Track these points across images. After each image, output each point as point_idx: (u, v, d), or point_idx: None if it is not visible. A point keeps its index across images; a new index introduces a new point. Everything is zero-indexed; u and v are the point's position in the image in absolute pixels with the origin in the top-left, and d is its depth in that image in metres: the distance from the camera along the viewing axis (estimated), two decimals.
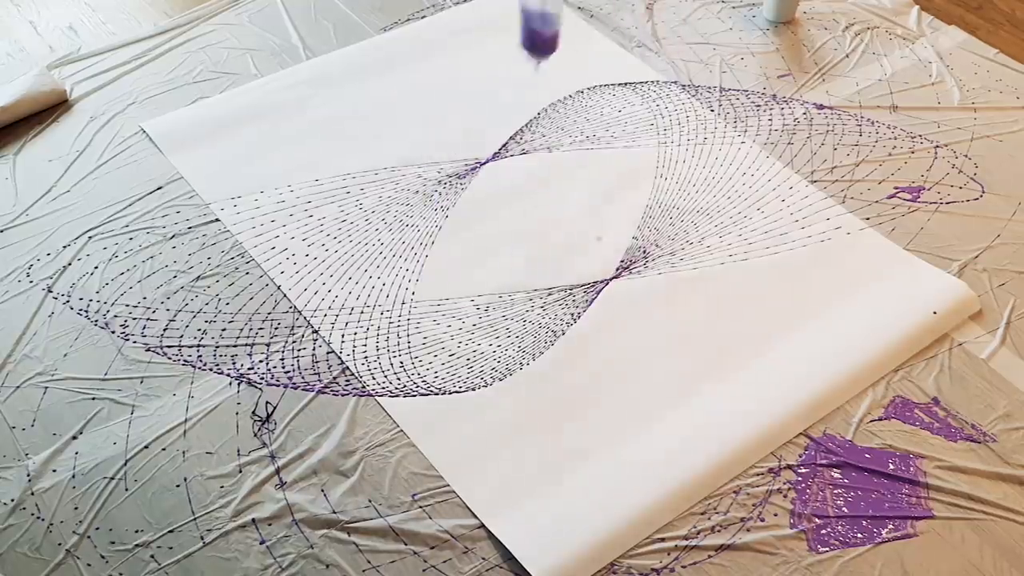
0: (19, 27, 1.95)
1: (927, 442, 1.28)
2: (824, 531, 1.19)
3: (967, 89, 1.79)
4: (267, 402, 1.32)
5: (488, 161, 1.66)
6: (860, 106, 1.76)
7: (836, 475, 1.25)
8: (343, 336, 1.39)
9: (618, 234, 1.54)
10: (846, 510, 1.21)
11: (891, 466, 1.26)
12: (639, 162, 1.66)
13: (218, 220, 1.56)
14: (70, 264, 1.49)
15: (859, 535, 1.19)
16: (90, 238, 1.53)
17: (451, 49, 1.89)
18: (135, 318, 1.42)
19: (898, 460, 1.26)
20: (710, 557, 1.17)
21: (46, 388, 1.34)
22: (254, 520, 1.20)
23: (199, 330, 1.40)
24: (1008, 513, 1.21)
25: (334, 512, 1.21)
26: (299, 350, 1.38)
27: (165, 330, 1.40)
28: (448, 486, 1.23)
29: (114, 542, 1.18)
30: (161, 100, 1.78)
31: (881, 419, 1.31)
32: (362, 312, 1.43)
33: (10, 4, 2.01)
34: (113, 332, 1.40)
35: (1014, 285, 1.47)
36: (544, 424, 1.30)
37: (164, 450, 1.27)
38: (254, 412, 1.31)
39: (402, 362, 1.37)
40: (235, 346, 1.38)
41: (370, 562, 1.17)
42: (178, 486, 1.24)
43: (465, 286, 1.46)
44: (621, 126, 1.73)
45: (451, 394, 1.33)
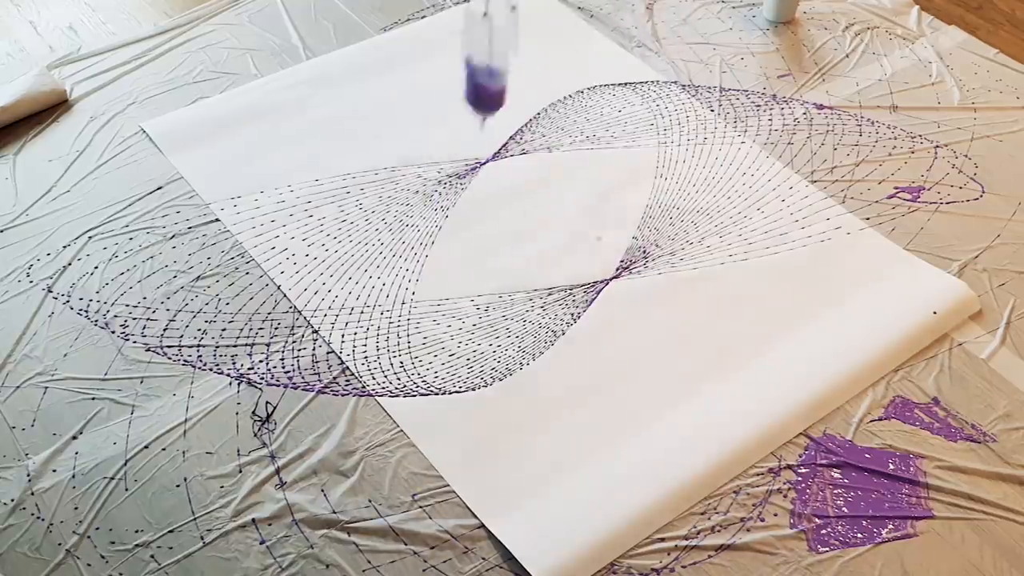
0: (19, 27, 1.95)
1: (927, 442, 1.28)
2: (824, 531, 1.19)
3: (967, 89, 1.79)
4: (267, 402, 1.32)
5: (488, 161, 1.66)
6: (860, 106, 1.76)
7: (836, 475, 1.25)
8: (343, 336, 1.39)
9: (618, 234, 1.54)
10: (846, 510, 1.21)
11: (891, 466, 1.26)
12: (639, 162, 1.66)
13: (218, 220, 1.56)
14: (70, 264, 1.49)
15: (859, 535, 1.19)
16: (90, 238, 1.53)
17: (451, 49, 1.89)
18: (135, 318, 1.42)
19: (898, 460, 1.26)
20: (710, 557, 1.17)
21: (46, 388, 1.34)
22: (254, 520, 1.20)
23: (199, 330, 1.40)
24: (1008, 513, 1.21)
25: (334, 512, 1.21)
26: (299, 350, 1.38)
27: (165, 330, 1.40)
28: (448, 486, 1.23)
29: (114, 542, 1.18)
30: (161, 100, 1.78)
31: (881, 419, 1.31)
32: (362, 312, 1.43)
33: (10, 4, 2.01)
34: (113, 332, 1.40)
35: (1014, 285, 1.47)
36: (544, 424, 1.30)
37: (164, 450, 1.27)
38: (254, 412, 1.31)
39: (402, 362, 1.37)
40: (235, 346, 1.38)
41: (370, 562, 1.17)
42: (178, 486, 1.24)
43: (465, 286, 1.46)
44: (621, 126, 1.72)
45: (451, 394, 1.33)
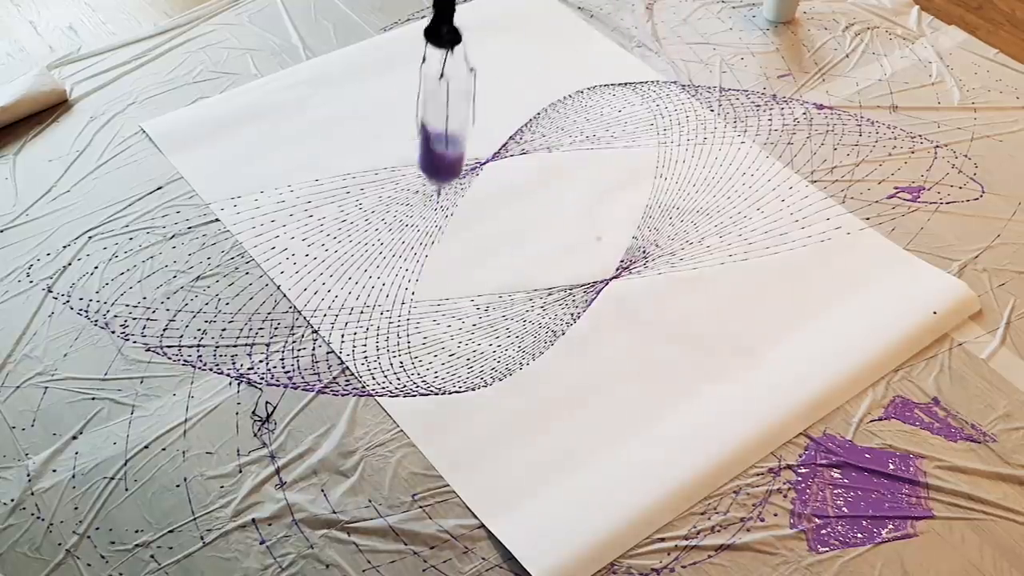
0: (19, 27, 1.95)
1: (927, 442, 1.28)
2: (824, 531, 1.19)
3: (967, 89, 1.79)
4: (267, 402, 1.32)
5: (488, 161, 1.66)
6: (860, 106, 1.76)
7: (836, 475, 1.25)
8: (343, 336, 1.39)
9: (618, 234, 1.54)
10: (846, 510, 1.21)
11: (891, 466, 1.26)
12: (639, 162, 1.66)
13: (218, 220, 1.56)
14: (70, 264, 1.49)
15: (859, 535, 1.19)
16: (90, 238, 1.53)
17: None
18: (135, 318, 1.42)
19: (898, 460, 1.26)
20: (710, 557, 1.17)
21: (46, 388, 1.34)
22: (254, 520, 1.20)
23: (199, 330, 1.40)
24: (1008, 513, 1.21)
25: (334, 512, 1.21)
26: (299, 350, 1.38)
27: (165, 330, 1.40)
28: (448, 486, 1.23)
29: (114, 542, 1.18)
30: (161, 100, 1.78)
31: (881, 419, 1.31)
32: (362, 312, 1.43)
33: (10, 4, 2.01)
34: (113, 332, 1.40)
35: (1014, 285, 1.47)
36: (544, 424, 1.30)
37: (164, 450, 1.27)
38: (254, 412, 1.31)
39: (402, 362, 1.37)
40: (235, 346, 1.38)
41: (370, 562, 1.17)
42: (178, 486, 1.24)
43: (465, 286, 1.46)
44: (621, 126, 1.72)
45: (451, 394, 1.33)
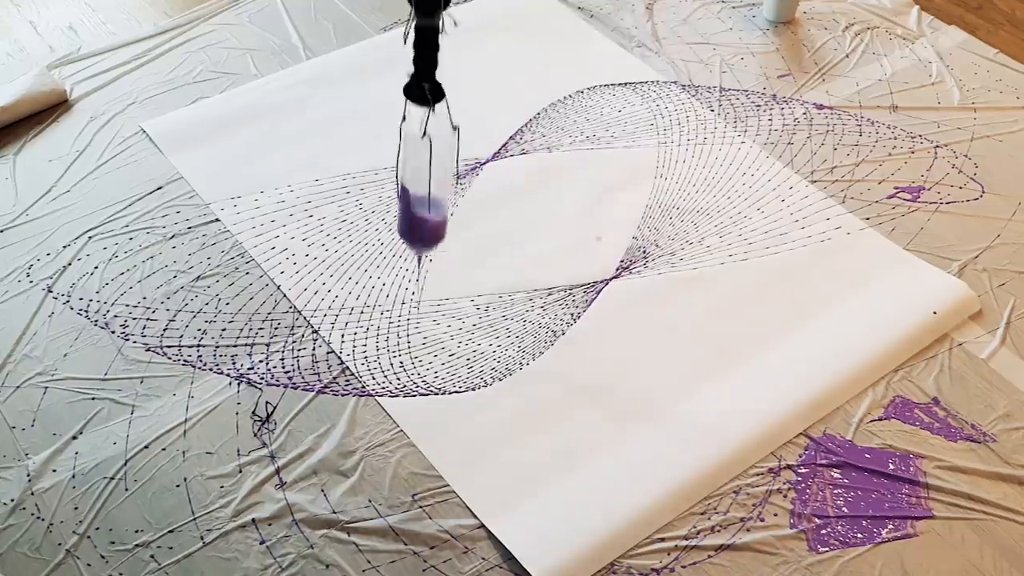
0: (19, 27, 1.95)
1: (927, 442, 1.28)
2: (824, 531, 1.19)
3: (967, 89, 1.79)
4: (267, 402, 1.32)
5: (488, 161, 1.66)
6: (860, 106, 1.76)
7: (836, 475, 1.25)
8: (343, 336, 1.39)
9: (618, 234, 1.54)
10: (846, 510, 1.21)
11: (891, 466, 1.25)
12: (639, 162, 1.66)
13: (218, 220, 1.56)
14: (70, 264, 1.49)
15: (859, 535, 1.19)
16: (90, 238, 1.53)
17: (451, 49, 1.89)
18: (135, 318, 1.42)
19: (898, 460, 1.26)
20: (710, 557, 1.17)
21: (46, 388, 1.34)
22: (254, 520, 1.20)
23: (199, 330, 1.40)
24: (1008, 513, 1.21)
25: (334, 512, 1.21)
26: (299, 350, 1.38)
27: (165, 330, 1.40)
28: (448, 486, 1.23)
29: (114, 542, 1.18)
30: (161, 100, 1.78)
31: (881, 419, 1.31)
32: (362, 312, 1.43)
33: (10, 4, 2.01)
34: (113, 332, 1.40)
35: (1014, 285, 1.47)
36: (544, 424, 1.30)
37: (164, 450, 1.27)
38: (254, 412, 1.31)
39: (402, 362, 1.37)
40: (235, 346, 1.38)
41: (370, 562, 1.17)
42: (178, 486, 1.24)
43: (465, 286, 1.46)
44: (621, 126, 1.72)
45: (451, 394, 1.33)
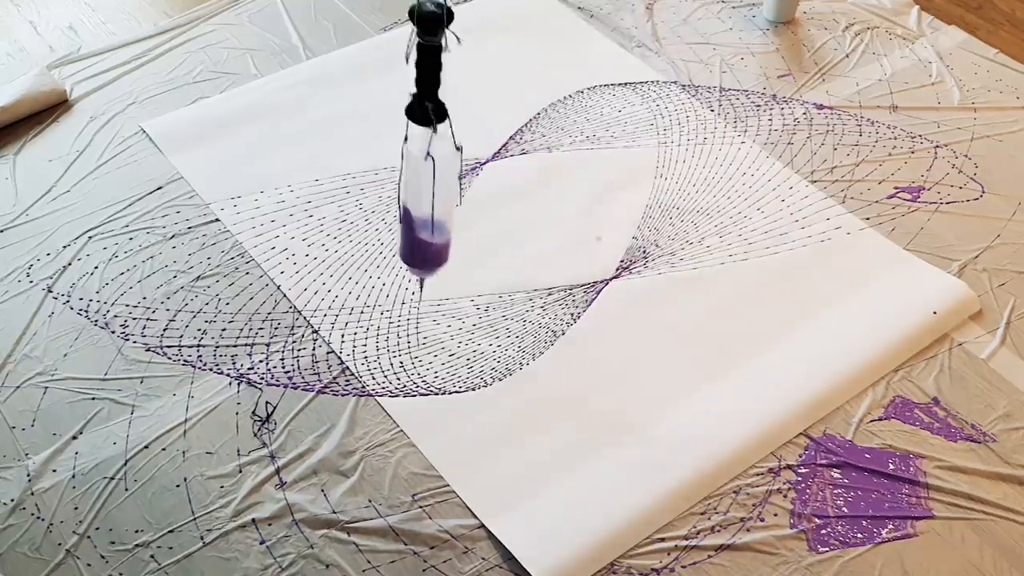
0: (19, 27, 1.95)
1: (927, 442, 1.28)
2: (824, 531, 1.19)
3: (967, 89, 1.79)
4: (267, 402, 1.32)
5: (488, 161, 1.66)
6: (860, 106, 1.76)
7: (836, 475, 1.25)
8: (343, 336, 1.39)
9: (618, 234, 1.54)
10: (846, 510, 1.21)
11: (891, 466, 1.25)
12: (639, 162, 1.66)
13: (218, 220, 1.56)
14: (70, 264, 1.49)
15: (859, 535, 1.19)
16: (90, 238, 1.53)
17: (451, 48, 1.89)
18: (135, 318, 1.42)
19: (898, 460, 1.26)
20: (710, 557, 1.17)
21: (46, 388, 1.34)
22: (254, 520, 1.20)
23: (199, 330, 1.40)
24: (1008, 513, 1.21)
25: (334, 512, 1.21)
26: (299, 350, 1.38)
27: (165, 330, 1.40)
28: (448, 486, 1.23)
29: (114, 542, 1.18)
30: (161, 100, 1.78)
31: (881, 419, 1.31)
32: (362, 312, 1.43)
33: (10, 4, 2.01)
34: (113, 332, 1.40)
35: (1014, 285, 1.47)
36: (544, 424, 1.30)
37: (164, 450, 1.27)
38: (254, 412, 1.31)
39: (402, 362, 1.37)
40: (235, 346, 1.38)
41: (370, 562, 1.17)
42: (178, 486, 1.24)
43: (465, 286, 1.46)
44: (621, 126, 1.72)
45: (451, 394, 1.33)
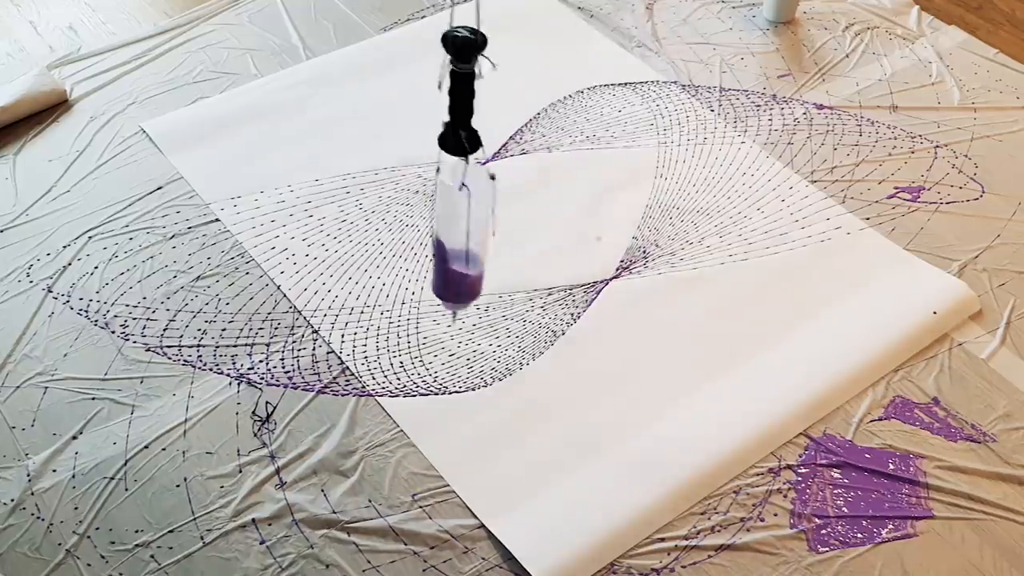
0: (19, 27, 1.95)
1: (927, 442, 1.28)
2: (824, 531, 1.19)
3: (967, 89, 1.79)
4: (267, 402, 1.32)
5: (488, 161, 1.66)
6: (860, 106, 1.76)
7: (836, 475, 1.25)
8: (343, 336, 1.39)
9: (618, 234, 1.54)
10: (846, 510, 1.21)
11: (891, 466, 1.26)
12: (639, 162, 1.66)
13: (218, 220, 1.56)
14: (70, 264, 1.49)
15: (859, 535, 1.19)
16: (90, 238, 1.53)
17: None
18: (135, 318, 1.42)
19: (898, 460, 1.26)
20: (710, 557, 1.17)
21: (46, 388, 1.34)
22: (254, 520, 1.20)
23: (199, 330, 1.40)
24: (1008, 513, 1.21)
25: (334, 512, 1.21)
26: (299, 350, 1.38)
27: (165, 330, 1.40)
28: (448, 486, 1.23)
29: (114, 542, 1.18)
30: (161, 100, 1.78)
31: (881, 419, 1.31)
32: (362, 312, 1.43)
33: (10, 4, 2.01)
34: (113, 332, 1.40)
35: (1014, 285, 1.47)
36: (544, 424, 1.30)
37: (164, 450, 1.27)
38: (254, 412, 1.31)
39: (402, 362, 1.37)
40: (235, 346, 1.38)
41: (370, 562, 1.17)
42: (178, 486, 1.24)
43: None
44: (621, 126, 1.72)
45: (451, 394, 1.33)
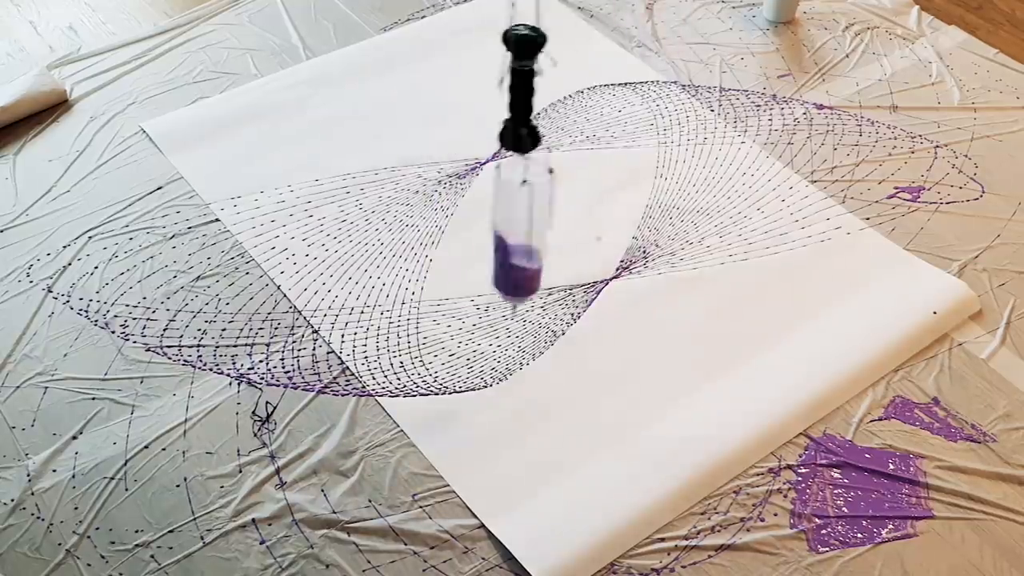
0: (19, 27, 1.95)
1: (927, 442, 1.28)
2: (824, 531, 1.19)
3: (967, 89, 1.79)
4: (267, 402, 1.32)
5: (488, 161, 1.66)
6: (860, 106, 1.76)
7: (836, 475, 1.25)
8: (343, 336, 1.39)
9: (618, 234, 1.54)
10: (846, 510, 1.21)
11: (891, 466, 1.26)
12: (639, 162, 1.66)
13: (218, 220, 1.56)
14: (70, 264, 1.49)
15: (859, 535, 1.19)
16: (90, 238, 1.53)
17: (451, 49, 1.89)
18: (135, 318, 1.42)
19: (898, 460, 1.26)
20: (710, 557, 1.17)
21: (46, 388, 1.34)
22: (254, 520, 1.20)
23: (199, 330, 1.40)
24: (1008, 513, 1.21)
25: (334, 512, 1.21)
26: (299, 350, 1.38)
27: (165, 330, 1.40)
28: (448, 486, 1.23)
29: (114, 542, 1.18)
30: (161, 100, 1.78)
31: (881, 419, 1.31)
32: (362, 312, 1.43)
33: (10, 4, 2.01)
34: (113, 332, 1.40)
35: (1014, 285, 1.47)
36: (545, 424, 1.30)
37: (164, 450, 1.27)
38: (254, 412, 1.31)
39: (402, 362, 1.37)
40: (235, 346, 1.38)
41: (370, 562, 1.17)
42: (178, 486, 1.24)
43: (465, 286, 1.46)
44: (621, 126, 1.72)
45: (451, 394, 1.33)
